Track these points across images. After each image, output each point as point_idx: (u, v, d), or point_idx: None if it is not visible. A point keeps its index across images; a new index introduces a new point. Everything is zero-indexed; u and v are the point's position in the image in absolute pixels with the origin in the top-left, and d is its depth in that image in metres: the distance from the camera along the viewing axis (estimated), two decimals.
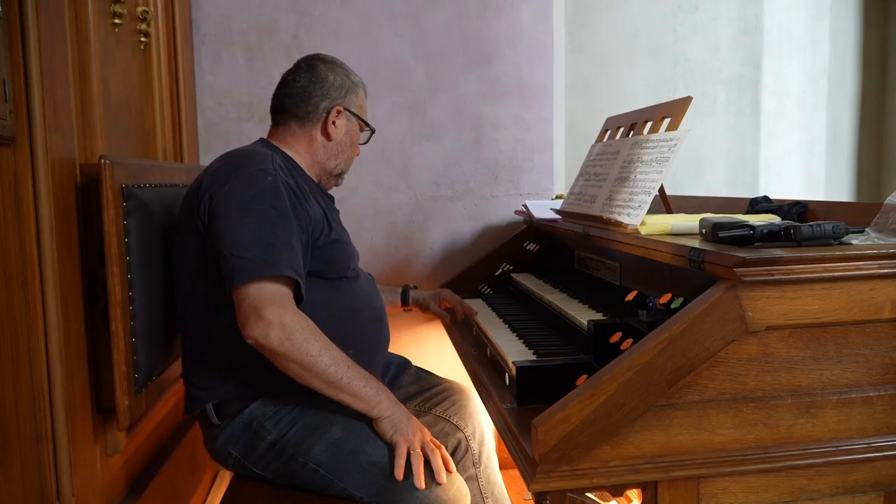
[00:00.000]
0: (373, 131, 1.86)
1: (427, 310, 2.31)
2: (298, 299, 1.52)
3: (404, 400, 1.86)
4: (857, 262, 1.20)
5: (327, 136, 1.77)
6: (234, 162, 1.60)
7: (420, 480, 1.48)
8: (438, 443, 1.57)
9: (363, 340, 1.68)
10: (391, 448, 1.52)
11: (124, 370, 1.47)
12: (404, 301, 2.31)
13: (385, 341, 1.83)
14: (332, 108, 1.76)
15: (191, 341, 1.67)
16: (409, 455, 1.50)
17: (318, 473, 1.53)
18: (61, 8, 1.42)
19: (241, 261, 1.46)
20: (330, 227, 1.67)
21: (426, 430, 1.58)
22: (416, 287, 2.37)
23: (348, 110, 1.79)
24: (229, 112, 2.64)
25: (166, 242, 1.69)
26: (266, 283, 1.46)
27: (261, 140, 1.80)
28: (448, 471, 1.52)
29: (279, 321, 1.44)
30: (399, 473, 1.48)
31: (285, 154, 1.74)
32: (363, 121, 1.84)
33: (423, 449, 1.52)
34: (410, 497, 1.48)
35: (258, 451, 1.59)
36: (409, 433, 1.53)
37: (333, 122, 1.76)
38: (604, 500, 1.20)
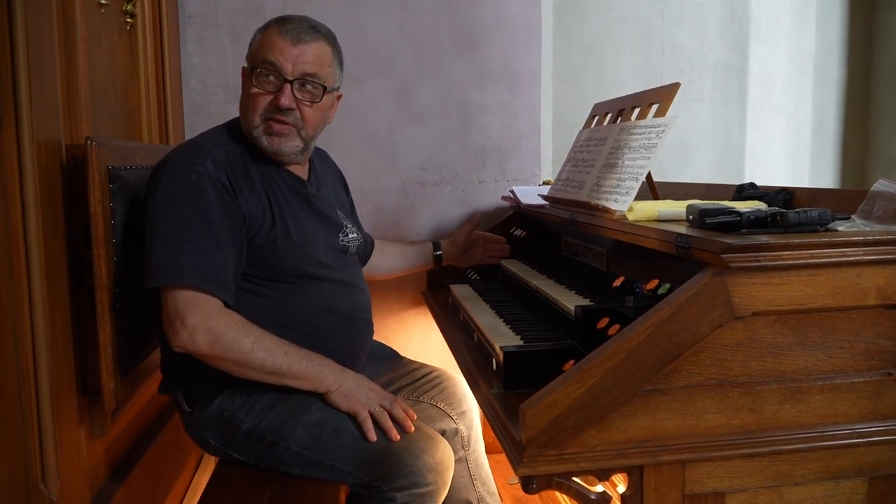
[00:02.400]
0: (253, 67, 1.60)
1: (465, 262, 2.39)
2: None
3: (393, 390, 1.86)
4: (843, 248, 1.21)
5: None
6: (172, 157, 1.58)
7: (393, 433, 1.51)
8: (393, 396, 1.59)
9: (324, 349, 1.61)
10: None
11: (110, 353, 1.47)
12: (438, 263, 2.37)
13: (358, 346, 1.76)
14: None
15: (159, 327, 1.66)
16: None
17: (302, 455, 1.54)
18: None
19: (150, 267, 1.47)
20: (273, 223, 1.59)
21: (377, 386, 1.60)
22: (439, 251, 2.38)
23: (247, 61, 1.66)
24: (215, 94, 2.61)
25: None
26: (184, 290, 1.45)
27: (234, 119, 1.72)
28: (410, 418, 1.56)
29: (204, 325, 1.44)
30: (371, 436, 1.50)
31: (241, 138, 1.65)
32: (249, 62, 1.64)
33: (382, 405, 1.55)
34: (399, 465, 1.49)
35: (235, 438, 1.59)
36: (363, 396, 1.54)
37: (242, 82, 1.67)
38: (590, 485, 1.21)
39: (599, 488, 1.23)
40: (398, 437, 1.51)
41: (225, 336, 1.45)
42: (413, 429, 1.55)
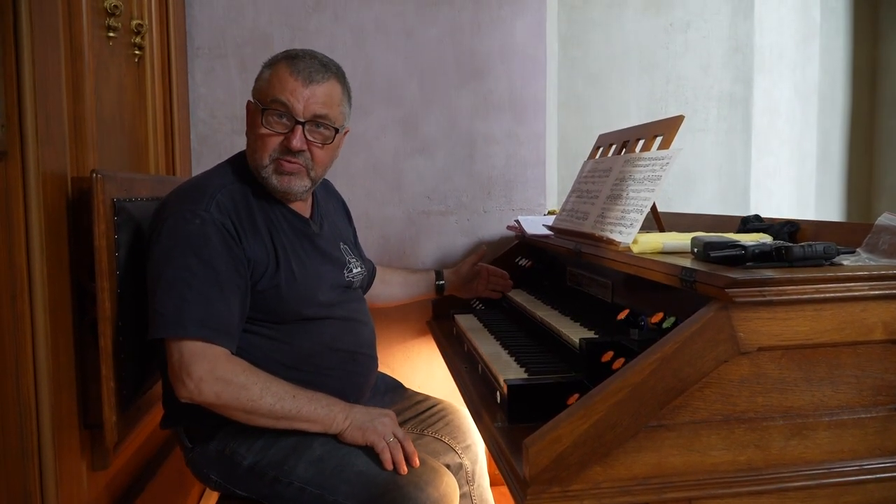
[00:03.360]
0: (263, 107, 1.57)
1: (467, 294, 2.38)
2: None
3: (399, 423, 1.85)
4: (848, 283, 1.21)
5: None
6: (175, 199, 1.56)
7: (403, 467, 1.49)
8: (403, 433, 1.58)
9: (328, 387, 1.59)
10: (374, 451, 1.52)
11: (112, 386, 1.46)
12: (440, 293, 2.35)
13: (363, 382, 1.74)
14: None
15: (160, 364, 1.66)
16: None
17: (305, 491, 1.52)
18: (55, 21, 1.42)
19: (155, 315, 1.45)
20: (277, 267, 1.58)
21: (390, 416, 1.59)
22: (442, 281, 2.36)
23: (252, 97, 1.63)
24: (222, 125, 2.64)
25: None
26: (189, 341, 1.44)
27: (238, 154, 1.71)
28: (412, 463, 1.53)
29: (211, 376, 1.43)
30: (388, 465, 1.49)
31: (246, 175, 1.63)
32: (257, 99, 1.61)
33: (396, 434, 1.54)
34: (403, 498, 1.47)
35: (237, 475, 1.57)
36: (378, 425, 1.53)
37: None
38: None
39: None
40: (406, 471, 1.50)
41: (232, 384, 1.44)
42: (418, 462, 1.53)
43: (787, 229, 1.65)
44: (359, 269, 1.80)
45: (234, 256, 1.51)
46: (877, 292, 1.22)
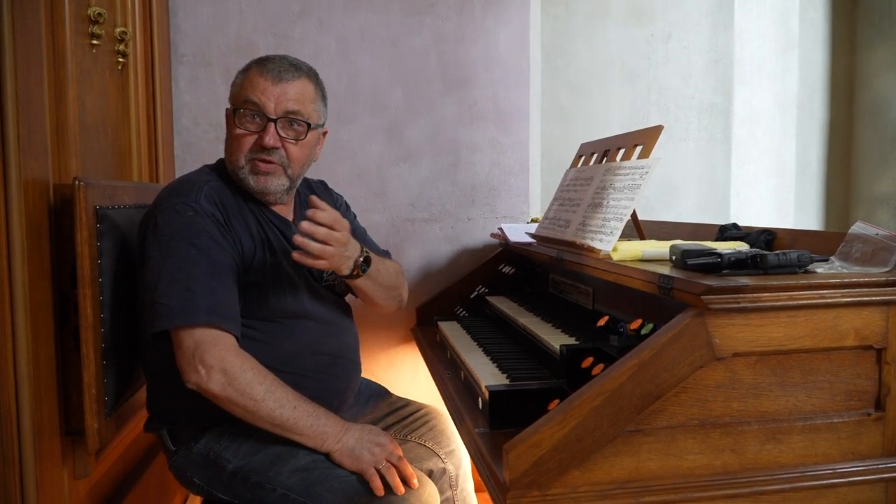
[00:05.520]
0: (235, 108, 1.62)
1: None
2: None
3: (382, 428, 1.85)
4: (821, 290, 1.23)
5: None
6: (164, 196, 1.58)
7: (400, 490, 1.48)
8: (399, 453, 1.56)
9: (310, 390, 1.58)
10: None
11: (94, 393, 1.46)
12: None
13: (345, 386, 1.74)
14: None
15: (145, 366, 1.67)
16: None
17: (288, 497, 1.52)
18: (38, 28, 1.42)
19: (159, 307, 1.45)
20: (263, 261, 1.60)
21: (383, 436, 1.57)
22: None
23: (230, 102, 1.67)
24: (206, 132, 2.64)
25: (137, 263, 1.68)
26: (200, 329, 1.45)
27: (219, 160, 1.73)
28: (410, 485, 1.51)
29: (220, 366, 1.44)
30: (379, 493, 1.48)
31: (226, 178, 1.66)
32: (232, 104, 1.65)
33: (388, 460, 1.52)
34: None
35: (221, 479, 1.57)
36: (367, 454, 1.51)
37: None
38: None
39: None
40: (402, 492, 1.49)
41: (238, 380, 1.44)
42: (417, 485, 1.52)
43: (764, 237, 1.68)
44: None
45: (229, 244, 1.54)
46: (849, 299, 1.25)
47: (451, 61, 2.78)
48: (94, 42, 1.76)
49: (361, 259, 1.63)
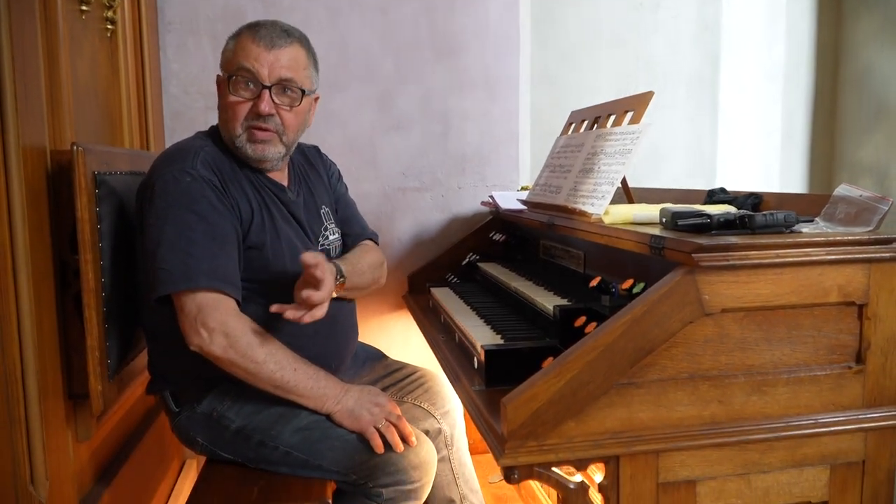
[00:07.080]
0: (229, 75, 1.61)
1: None
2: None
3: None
4: (807, 248, 1.28)
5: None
6: (160, 163, 1.58)
7: (399, 447, 1.54)
8: (398, 412, 1.61)
9: (308, 352, 1.60)
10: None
11: (98, 356, 1.48)
12: None
13: (343, 349, 1.77)
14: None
15: (147, 329, 1.69)
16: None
17: (290, 455, 1.56)
18: None
19: (161, 273, 1.47)
20: (262, 225, 1.62)
21: (382, 396, 1.62)
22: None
23: (222, 69, 1.67)
24: (195, 101, 2.63)
25: (135, 230, 1.70)
26: (202, 292, 1.47)
27: (212, 127, 1.74)
28: (408, 442, 1.57)
29: (222, 329, 1.47)
30: (379, 450, 1.53)
31: (221, 145, 1.67)
32: (224, 70, 1.65)
33: (387, 419, 1.57)
34: (384, 463, 1.53)
35: (224, 438, 1.61)
36: (367, 413, 1.56)
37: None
38: (568, 475, 1.26)
39: (578, 478, 1.27)
40: (402, 449, 1.54)
41: (240, 342, 1.48)
42: (415, 442, 1.58)
43: (751, 201, 1.72)
44: (336, 235, 1.84)
45: (227, 208, 1.55)
46: (833, 257, 1.29)
47: (441, 30, 2.78)
48: (84, 8, 1.75)
49: (338, 282, 1.65)
